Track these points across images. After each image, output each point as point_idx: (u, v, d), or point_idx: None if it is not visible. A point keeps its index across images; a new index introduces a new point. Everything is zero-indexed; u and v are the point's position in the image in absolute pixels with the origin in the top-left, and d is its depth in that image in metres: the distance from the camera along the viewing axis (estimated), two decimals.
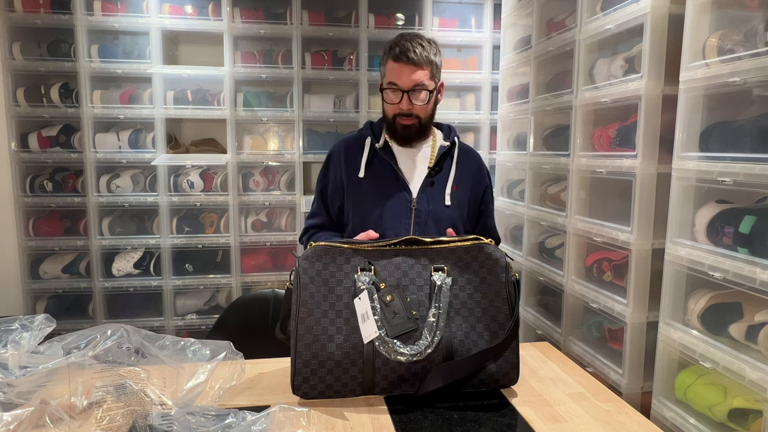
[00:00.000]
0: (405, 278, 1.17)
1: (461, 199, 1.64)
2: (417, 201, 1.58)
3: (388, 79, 1.54)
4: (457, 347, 1.14)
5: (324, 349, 1.11)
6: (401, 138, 1.61)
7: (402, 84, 1.52)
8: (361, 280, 1.14)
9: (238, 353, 1.13)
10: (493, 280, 1.18)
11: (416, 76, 1.51)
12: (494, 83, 3.20)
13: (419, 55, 1.50)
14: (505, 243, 2.99)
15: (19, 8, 2.84)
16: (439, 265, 1.18)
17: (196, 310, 3.15)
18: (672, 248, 1.64)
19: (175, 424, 0.87)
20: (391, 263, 1.18)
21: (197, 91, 3.06)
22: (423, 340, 1.09)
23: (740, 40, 1.45)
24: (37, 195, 2.97)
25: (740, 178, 1.40)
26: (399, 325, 1.12)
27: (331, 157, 1.68)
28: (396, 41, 1.54)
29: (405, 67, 1.51)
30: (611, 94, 1.95)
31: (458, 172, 1.64)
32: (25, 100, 2.91)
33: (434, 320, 1.11)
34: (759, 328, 1.39)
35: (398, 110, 1.55)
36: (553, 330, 2.37)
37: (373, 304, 1.11)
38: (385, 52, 1.56)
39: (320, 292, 1.14)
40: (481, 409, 1.09)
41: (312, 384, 1.11)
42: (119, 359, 0.97)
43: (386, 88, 1.55)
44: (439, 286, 1.14)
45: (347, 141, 1.69)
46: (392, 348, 1.08)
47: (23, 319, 1.02)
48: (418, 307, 1.15)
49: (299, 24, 3.02)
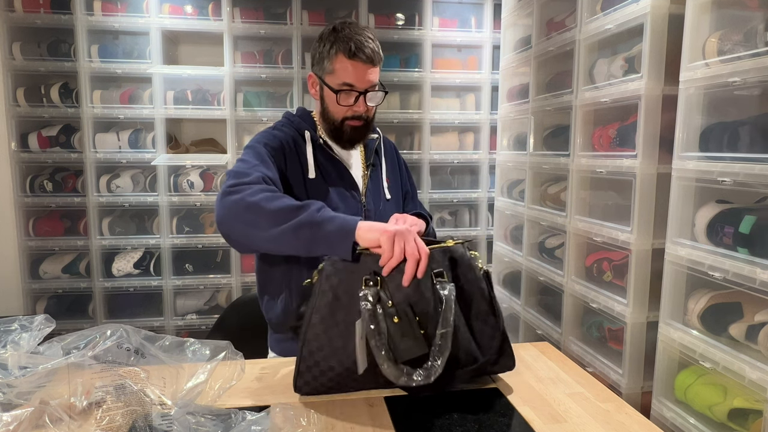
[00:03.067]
0: (414, 291, 1.06)
1: (395, 189, 1.56)
2: (365, 200, 1.46)
3: (342, 80, 1.34)
4: (462, 357, 1.09)
5: (326, 360, 1.08)
6: (348, 141, 1.42)
7: (359, 85, 1.34)
8: (365, 296, 1.03)
9: (238, 353, 1.13)
10: (465, 281, 1.13)
11: (373, 76, 1.35)
12: (494, 83, 3.20)
13: (375, 52, 1.33)
14: (505, 243, 2.99)
15: (19, 8, 2.84)
16: (438, 269, 1.10)
17: (196, 310, 3.15)
18: (672, 248, 1.64)
19: (175, 424, 0.87)
20: (400, 272, 1.06)
21: (197, 91, 3.06)
22: (434, 362, 1.00)
23: (740, 40, 1.45)
24: (37, 195, 2.98)
25: (740, 178, 1.40)
26: (407, 350, 1.02)
27: (282, 144, 1.39)
28: (346, 34, 1.32)
29: (361, 66, 1.32)
30: (611, 94, 1.95)
31: (387, 163, 1.55)
32: (25, 100, 2.91)
33: (441, 339, 1.02)
34: (759, 328, 1.39)
35: (352, 113, 1.37)
36: (553, 330, 2.37)
37: (375, 326, 1.01)
38: (327, 42, 1.35)
39: (335, 302, 1.08)
40: (482, 409, 1.09)
41: (313, 387, 1.10)
42: (119, 359, 0.97)
43: (340, 90, 1.34)
44: (446, 298, 1.04)
45: (289, 134, 1.42)
46: (402, 373, 0.99)
47: (22, 320, 1.02)
48: (426, 323, 1.05)
49: (299, 24, 3.02)
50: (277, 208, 1.14)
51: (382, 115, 3.13)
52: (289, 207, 1.14)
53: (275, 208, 1.14)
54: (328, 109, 1.39)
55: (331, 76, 1.35)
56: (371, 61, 1.33)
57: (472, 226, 3.40)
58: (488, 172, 3.32)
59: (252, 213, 1.15)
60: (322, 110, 1.41)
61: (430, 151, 3.23)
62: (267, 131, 1.42)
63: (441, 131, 3.30)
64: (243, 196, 1.16)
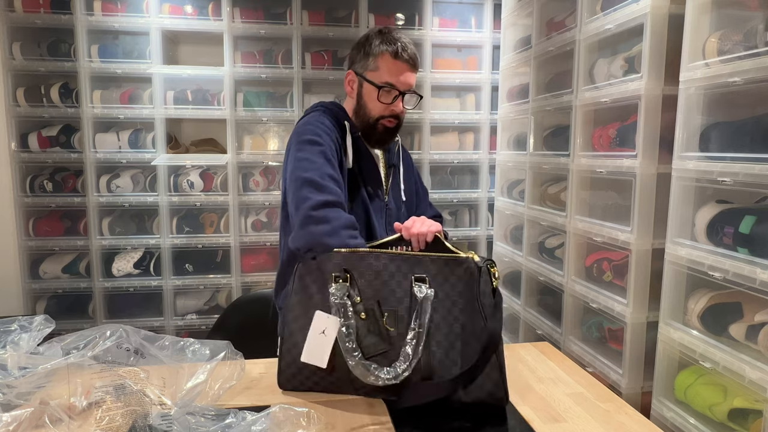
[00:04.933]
0: (385, 289, 1.08)
1: (410, 192, 1.59)
2: (387, 199, 1.51)
3: (385, 78, 1.40)
4: (436, 366, 1.06)
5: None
6: (377, 141, 1.47)
7: (400, 86, 1.41)
8: (333, 292, 1.06)
9: (238, 353, 1.13)
10: (470, 295, 1.08)
11: (412, 80, 1.43)
12: (494, 83, 3.20)
13: (416, 57, 1.42)
14: (505, 243, 2.99)
15: (19, 8, 2.84)
16: (421, 274, 1.09)
17: (196, 310, 3.15)
18: (672, 248, 1.64)
19: (175, 424, 0.87)
20: (370, 269, 1.09)
21: (197, 91, 3.06)
22: (400, 363, 1.02)
23: (740, 40, 1.45)
24: (37, 195, 2.97)
25: (740, 178, 1.40)
26: (372, 345, 1.06)
27: (332, 132, 1.40)
28: (392, 36, 1.39)
29: (405, 68, 1.40)
30: (611, 94, 1.95)
31: (403, 166, 1.59)
32: (25, 100, 2.91)
33: (413, 340, 1.03)
34: (759, 328, 1.39)
35: (389, 112, 1.42)
36: (553, 330, 2.37)
37: (346, 321, 1.04)
38: (374, 41, 1.40)
39: (309, 300, 1.11)
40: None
41: (294, 384, 1.15)
42: (118, 360, 0.97)
43: (381, 87, 1.40)
44: (420, 300, 1.05)
45: (327, 121, 1.43)
46: (367, 371, 1.02)
47: (22, 320, 1.02)
48: (396, 323, 1.07)
49: (299, 24, 3.02)
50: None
51: None
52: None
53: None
54: (367, 105, 1.44)
55: (374, 73, 1.41)
56: (413, 65, 1.40)
57: (472, 226, 3.40)
58: (488, 172, 3.32)
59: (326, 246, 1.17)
60: (357, 107, 1.46)
61: (430, 151, 3.23)
62: (316, 118, 1.42)
63: (441, 131, 3.30)
64: (326, 231, 1.20)
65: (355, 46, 1.46)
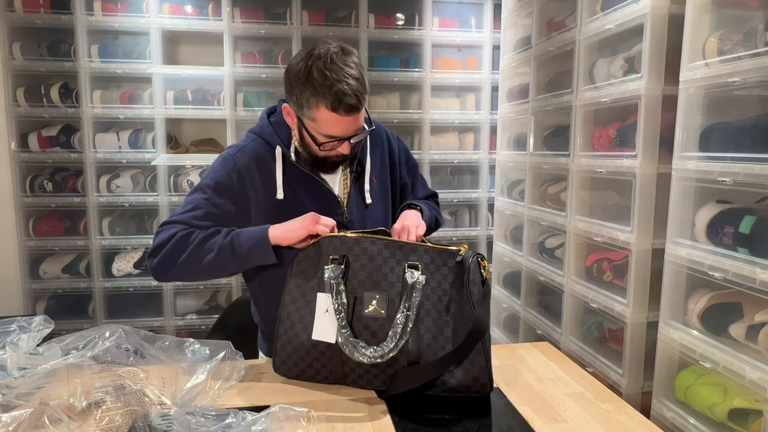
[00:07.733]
0: (378, 273, 1.13)
1: (383, 187, 1.43)
2: (348, 211, 1.35)
3: (325, 132, 1.20)
4: (424, 350, 1.10)
5: (297, 336, 1.16)
6: (330, 167, 1.33)
7: (344, 135, 1.22)
8: (328, 273, 1.12)
9: (237, 353, 1.13)
10: (460, 285, 1.13)
11: (358, 122, 1.22)
12: (494, 83, 3.20)
13: (359, 96, 1.16)
14: (505, 243, 2.99)
15: (19, 8, 2.84)
16: (414, 261, 1.14)
17: (196, 310, 3.15)
18: (672, 248, 1.64)
19: (175, 424, 0.87)
20: (365, 254, 1.15)
21: (197, 91, 3.06)
22: (388, 342, 1.07)
23: (740, 40, 1.45)
24: (37, 195, 2.98)
25: (740, 178, 1.40)
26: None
27: (241, 173, 1.29)
28: (326, 80, 1.14)
29: (345, 119, 1.18)
30: (611, 94, 1.95)
31: (375, 159, 1.41)
32: (25, 100, 2.91)
33: (401, 322, 1.07)
34: (759, 328, 1.39)
35: (335, 153, 1.26)
36: (553, 330, 2.37)
37: (338, 300, 1.10)
38: (306, 89, 1.16)
39: (306, 284, 1.17)
40: (482, 409, 1.09)
41: (288, 366, 1.19)
42: (118, 360, 0.97)
43: (322, 142, 1.22)
44: (411, 285, 1.10)
45: (254, 151, 1.31)
46: (354, 348, 1.07)
47: (21, 321, 1.02)
48: (386, 306, 1.11)
49: (299, 24, 3.02)
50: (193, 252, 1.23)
51: (383, 114, 3.13)
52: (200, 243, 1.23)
53: (193, 252, 1.22)
54: (309, 147, 1.27)
55: (312, 123, 1.21)
56: (358, 107, 1.18)
57: (472, 226, 3.40)
58: (488, 172, 3.32)
59: (187, 264, 1.23)
60: (301, 139, 1.29)
61: (430, 151, 3.23)
62: (224, 158, 1.32)
63: (441, 131, 3.30)
64: (164, 254, 1.23)
65: (287, 79, 1.22)
